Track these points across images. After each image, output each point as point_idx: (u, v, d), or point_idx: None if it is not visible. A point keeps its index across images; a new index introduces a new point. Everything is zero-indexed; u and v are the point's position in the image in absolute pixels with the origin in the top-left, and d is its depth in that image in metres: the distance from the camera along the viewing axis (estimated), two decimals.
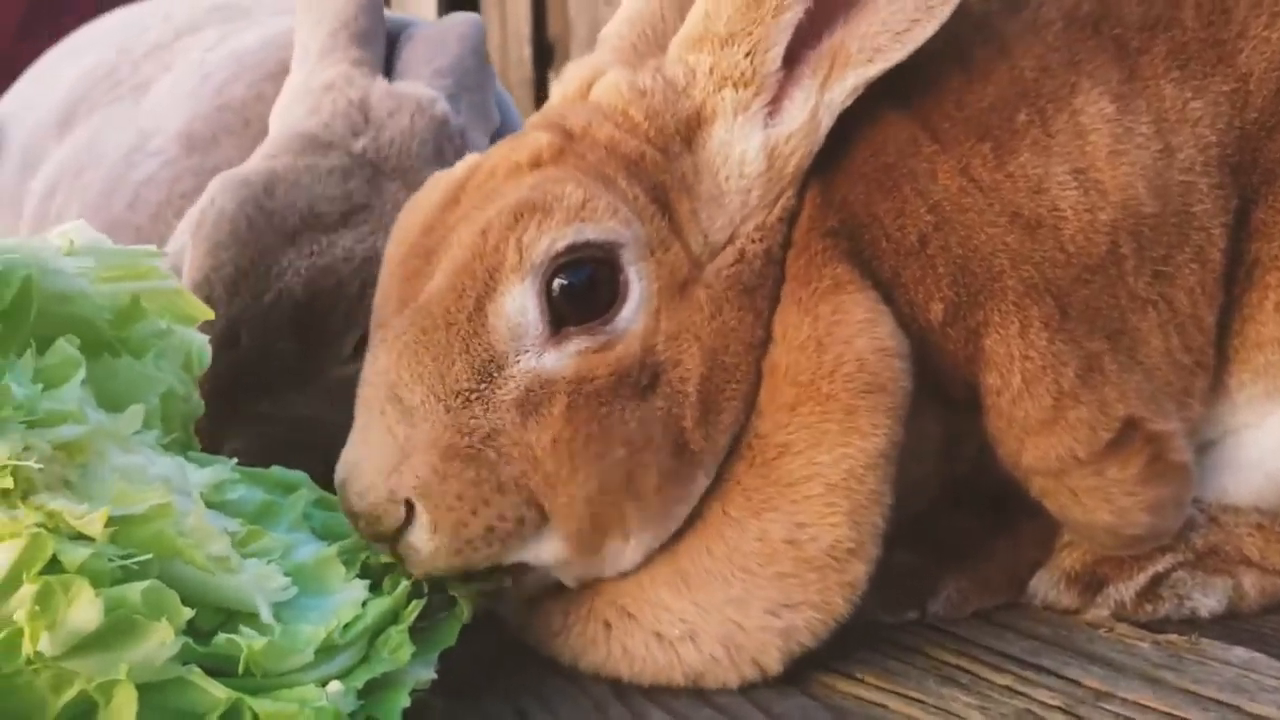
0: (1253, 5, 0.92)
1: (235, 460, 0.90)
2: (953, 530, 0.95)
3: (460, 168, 0.88)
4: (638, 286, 0.83)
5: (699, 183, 0.86)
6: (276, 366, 1.06)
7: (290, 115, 1.18)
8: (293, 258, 1.07)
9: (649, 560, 0.86)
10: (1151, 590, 0.94)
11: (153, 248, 0.89)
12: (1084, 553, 0.95)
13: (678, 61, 0.87)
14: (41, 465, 0.70)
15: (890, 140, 0.88)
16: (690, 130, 0.87)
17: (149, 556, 0.71)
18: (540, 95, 3.17)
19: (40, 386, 0.75)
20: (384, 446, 0.80)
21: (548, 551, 0.83)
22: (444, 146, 1.18)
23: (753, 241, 0.86)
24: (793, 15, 0.84)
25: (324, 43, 1.20)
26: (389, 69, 1.24)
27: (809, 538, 0.82)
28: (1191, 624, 0.93)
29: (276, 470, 0.93)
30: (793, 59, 0.86)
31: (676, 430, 0.83)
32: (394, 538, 0.82)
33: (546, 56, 3.17)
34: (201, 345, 0.92)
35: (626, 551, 0.85)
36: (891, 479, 0.83)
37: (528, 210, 0.81)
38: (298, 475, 0.93)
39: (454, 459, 0.80)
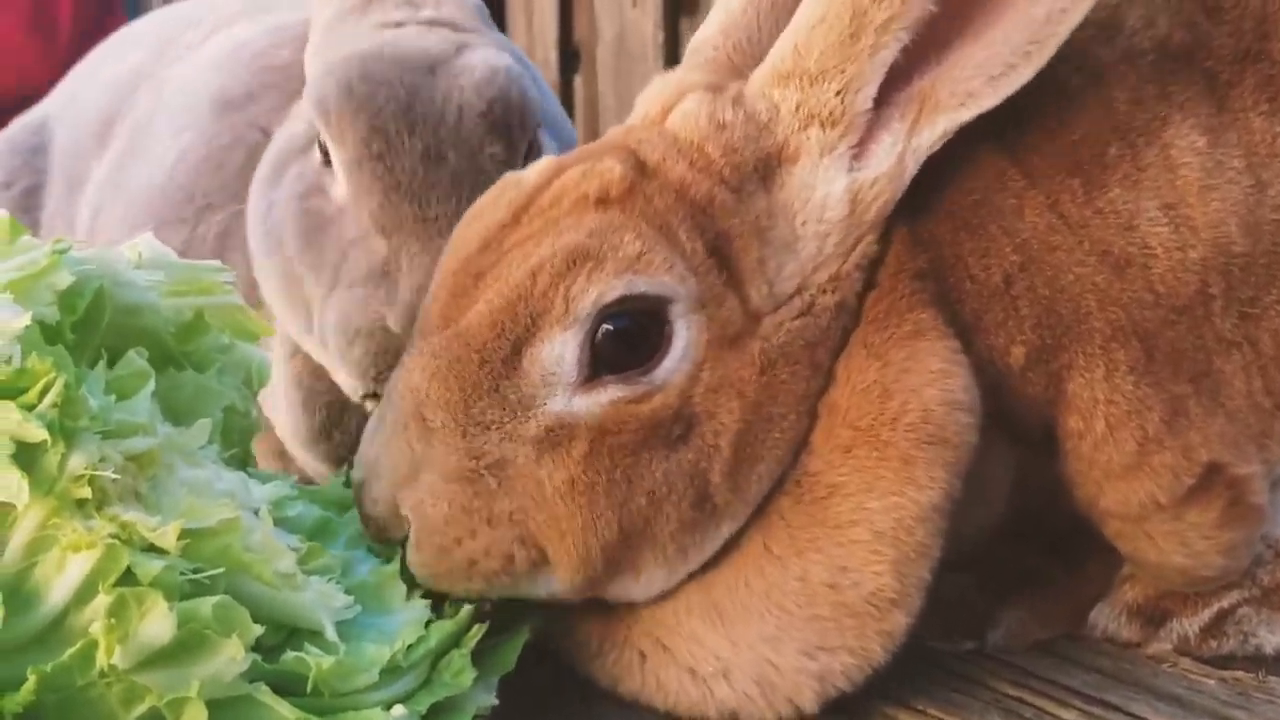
0: None
1: (294, 478, 0.89)
2: (1014, 564, 0.94)
3: (533, 176, 0.85)
4: (683, 338, 0.80)
5: (772, 227, 0.82)
6: (491, 174, 1.02)
7: (333, 37, 1.13)
8: (447, 81, 1.05)
9: (683, 588, 0.84)
10: (1216, 626, 0.92)
11: (217, 263, 0.89)
12: (1146, 586, 0.94)
13: (760, 96, 0.83)
14: (116, 476, 0.70)
15: (979, 174, 0.86)
16: (769, 169, 0.83)
17: (220, 571, 0.70)
18: (566, 100, 3.13)
19: (113, 397, 0.74)
20: (401, 460, 0.80)
21: (544, 590, 0.82)
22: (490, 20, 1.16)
23: (824, 293, 0.83)
24: (889, 54, 0.80)
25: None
26: None
27: (850, 583, 0.81)
28: (1255, 660, 0.92)
29: (332, 487, 0.93)
30: (881, 100, 0.82)
31: (701, 483, 0.80)
32: (401, 547, 0.81)
33: (572, 61, 3.14)
34: (262, 361, 0.92)
35: (636, 587, 0.83)
36: (943, 533, 0.81)
37: (580, 258, 0.78)
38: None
39: (455, 480, 0.79)
